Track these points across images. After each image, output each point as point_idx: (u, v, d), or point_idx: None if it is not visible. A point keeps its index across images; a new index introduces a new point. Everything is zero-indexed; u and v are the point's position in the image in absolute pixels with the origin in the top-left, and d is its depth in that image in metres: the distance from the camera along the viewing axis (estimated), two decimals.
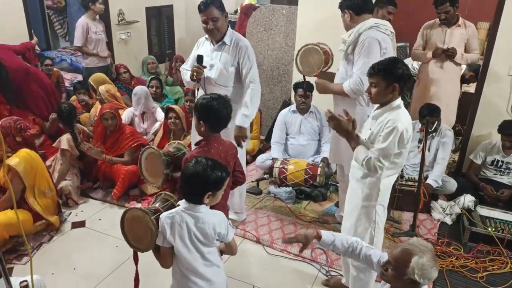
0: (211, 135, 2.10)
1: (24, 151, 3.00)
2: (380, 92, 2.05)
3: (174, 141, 2.64)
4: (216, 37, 2.86)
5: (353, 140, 2.13)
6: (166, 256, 1.81)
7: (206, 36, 2.95)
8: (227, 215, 2.23)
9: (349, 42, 2.57)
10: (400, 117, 2.02)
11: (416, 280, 1.60)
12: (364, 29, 2.54)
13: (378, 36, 2.53)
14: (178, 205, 1.83)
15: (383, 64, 2.04)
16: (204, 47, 2.98)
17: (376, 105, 2.16)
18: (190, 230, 1.76)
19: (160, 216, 1.78)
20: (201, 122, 2.07)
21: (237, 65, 2.90)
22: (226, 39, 2.87)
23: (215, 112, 2.05)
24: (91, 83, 4.53)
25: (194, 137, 3.11)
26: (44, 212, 3.09)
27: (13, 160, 2.89)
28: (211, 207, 1.84)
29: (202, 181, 1.73)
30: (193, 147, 2.97)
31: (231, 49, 2.87)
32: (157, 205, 1.95)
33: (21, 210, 3.01)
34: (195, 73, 2.81)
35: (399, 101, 2.07)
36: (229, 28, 2.91)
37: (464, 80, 4.75)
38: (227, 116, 2.11)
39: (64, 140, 3.65)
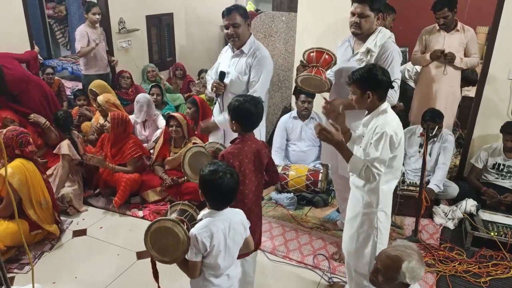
0: (244, 134, 2.18)
1: (18, 161, 2.98)
2: (358, 100, 2.11)
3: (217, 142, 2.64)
4: (236, 44, 2.86)
5: (345, 150, 2.13)
6: (196, 267, 1.81)
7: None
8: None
9: (375, 53, 2.49)
10: (387, 121, 2.03)
11: (407, 282, 1.66)
12: (384, 40, 2.50)
13: (398, 48, 2.52)
14: (199, 216, 1.88)
15: (359, 73, 2.08)
16: (226, 54, 3.01)
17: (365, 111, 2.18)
18: (225, 236, 1.80)
19: (192, 232, 1.77)
20: (233, 121, 2.17)
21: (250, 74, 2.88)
22: (245, 47, 2.86)
23: (247, 113, 2.14)
24: (93, 89, 4.52)
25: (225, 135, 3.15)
26: (40, 221, 3.07)
27: (7, 171, 2.86)
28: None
29: (236, 187, 1.84)
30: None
31: (247, 58, 2.86)
32: (174, 215, 1.95)
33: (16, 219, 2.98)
34: (214, 88, 2.88)
35: (385, 105, 2.09)
36: (251, 37, 2.90)
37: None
38: (259, 116, 2.19)
39: (65, 146, 3.66)
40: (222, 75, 2.87)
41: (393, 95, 2.46)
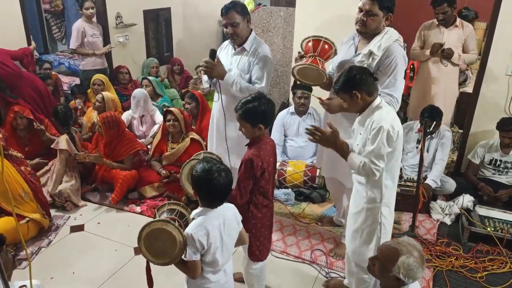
0: (263, 133, 2.15)
1: None
2: (350, 104, 2.10)
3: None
4: (237, 41, 2.81)
5: (342, 150, 2.14)
6: (196, 267, 1.78)
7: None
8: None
9: (378, 57, 2.34)
10: (383, 116, 2.03)
11: (401, 278, 1.66)
12: (389, 43, 2.36)
13: (403, 52, 2.41)
14: (191, 215, 1.85)
15: (338, 82, 2.09)
16: (226, 51, 2.95)
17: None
18: (221, 232, 1.80)
19: (187, 232, 1.74)
20: (256, 126, 2.08)
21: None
22: (247, 45, 2.81)
23: (264, 110, 2.09)
24: (101, 79, 4.51)
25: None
26: (23, 212, 3.03)
27: None
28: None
29: (230, 185, 1.83)
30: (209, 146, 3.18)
31: (249, 56, 2.81)
32: (164, 215, 1.93)
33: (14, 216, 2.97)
34: (202, 68, 2.74)
35: (378, 101, 2.07)
36: (252, 34, 2.85)
37: None
38: (273, 108, 2.17)
39: (63, 141, 3.65)
40: (213, 52, 2.75)
41: (395, 104, 2.36)
